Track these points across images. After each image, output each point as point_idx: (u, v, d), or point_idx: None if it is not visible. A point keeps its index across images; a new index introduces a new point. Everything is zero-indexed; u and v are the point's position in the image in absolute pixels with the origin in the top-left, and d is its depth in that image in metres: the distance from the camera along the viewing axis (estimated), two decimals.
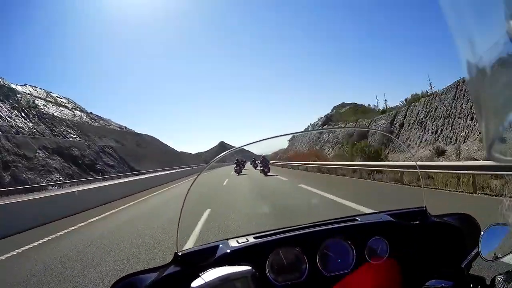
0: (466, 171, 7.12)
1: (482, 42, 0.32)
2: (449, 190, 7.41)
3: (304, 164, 22.51)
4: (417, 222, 1.07)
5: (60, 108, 58.04)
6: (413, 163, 8.40)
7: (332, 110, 51.88)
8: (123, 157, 47.56)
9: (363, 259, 0.96)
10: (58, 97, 66.21)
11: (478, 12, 0.32)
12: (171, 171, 29.19)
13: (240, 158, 23.41)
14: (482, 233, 0.78)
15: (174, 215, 6.88)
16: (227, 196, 10.34)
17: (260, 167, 19.25)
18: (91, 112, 69.98)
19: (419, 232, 1.03)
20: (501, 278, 0.72)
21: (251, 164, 27.88)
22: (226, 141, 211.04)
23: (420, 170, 8.19)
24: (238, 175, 21.08)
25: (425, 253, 1.00)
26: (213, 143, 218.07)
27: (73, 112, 60.75)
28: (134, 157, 50.26)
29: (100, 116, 71.92)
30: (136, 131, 75.39)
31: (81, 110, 66.75)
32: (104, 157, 42.38)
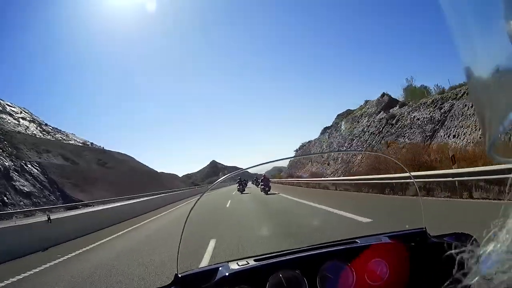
0: (462, 178, 7.29)
1: (482, 43, 0.33)
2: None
3: (305, 181, 23.81)
4: (417, 243, 1.07)
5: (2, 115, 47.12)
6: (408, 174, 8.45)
7: (335, 121, 50.66)
8: (56, 180, 32.76)
9: (363, 281, 0.96)
10: (8, 105, 54.05)
11: (478, 12, 0.33)
12: (133, 201, 17.95)
13: (242, 178, 24.46)
14: (481, 251, 0.78)
15: None
16: (232, 220, 9.01)
17: (261, 185, 19.42)
18: (45, 124, 58.45)
19: (418, 253, 1.03)
20: None
21: (252, 183, 28.86)
22: (218, 160, 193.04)
23: (415, 180, 8.26)
24: (241, 193, 21.56)
25: (426, 274, 0.99)
26: (205, 163, 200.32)
27: (18, 121, 49.77)
28: (82, 180, 36.88)
29: (57, 129, 59.92)
30: (106, 149, 62.82)
31: (33, 121, 54.90)
32: (17, 180, 27.54)
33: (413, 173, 9.20)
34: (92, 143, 64.86)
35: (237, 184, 23.82)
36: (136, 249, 6.23)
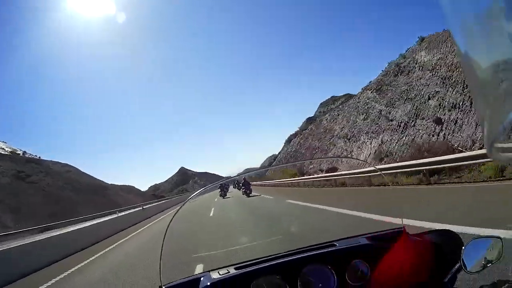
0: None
1: (482, 42, 0.33)
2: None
3: (279, 181, 24.36)
4: (396, 242, 1.07)
5: None
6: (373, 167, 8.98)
7: (318, 110, 48.82)
8: None
9: (345, 282, 0.98)
10: None
11: (478, 12, 0.32)
12: None
13: (224, 183, 24.36)
14: (464, 247, 0.78)
15: None
16: (219, 232, 7.12)
17: (242, 189, 19.27)
18: None
19: (399, 252, 1.03)
20: None
21: (234, 187, 28.54)
22: (188, 167, 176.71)
23: (382, 172, 8.73)
24: (223, 198, 21.25)
25: (407, 272, 0.99)
26: (173, 171, 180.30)
27: None
28: None
29: None
30: (42, 158, 50.77)
31: None
32: None
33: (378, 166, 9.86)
34: (24, 152, 53.17)
35: (219, 190, 23.62)
36: None
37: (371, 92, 23.81)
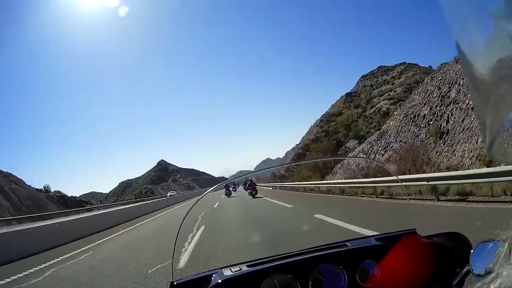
0: (452, 181, 7.12)
1: (482, 42, 0.33)
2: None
3: (290, 185, 23.63)
4: (407, 244, 1.09)
5: None
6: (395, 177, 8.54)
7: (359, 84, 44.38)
8: None
9: (355, 282, 0.99)
10: None
11: (478, 12, 0.32)
12: None
13: (229, 183, 25.55)
14: (472, 250, 0.78)
15: None
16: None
17: (248, 189, 19.96)
18: None
19: (409, 254, 1.04)
20: None
21: (243, 187, 28.93)
22: (168, 160, 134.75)
23: (403, 183, 8.35)
24: (228, 197, 21.99)
25: (417, 274, 1.00)
26: (151, 164, 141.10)
27: None
28: None
29: None
30: None
31: None
32: None
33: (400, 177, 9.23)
34: None
35: (224, 189, 24.26)
36: None
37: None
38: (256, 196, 18.64)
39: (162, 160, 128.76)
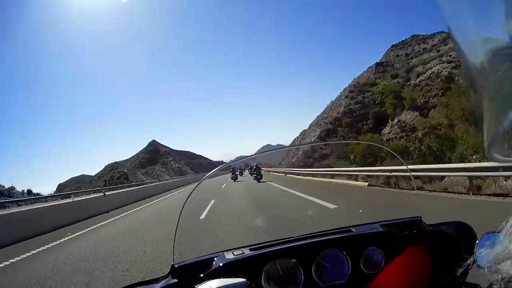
0: (462, 173, 7.01)
1: (482, 42, 0.32)
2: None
3: (297, 171, 23.08)
4: (412, 231, 1.07)
5: None
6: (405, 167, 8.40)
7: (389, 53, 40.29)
8: None
9: (359, 269, 0.98)
10: None
11: (478, 12, 0.32)
12: None
13: (238, 167, 25.84)
14: (477, 240, 0.78)
15: None
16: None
17: (254, 174, 20.48)
18: None
19: (414, 241, 1.03)
20: (498, 285, 0.72)
21: (249, 172, 29.32)
22: (160, 140, 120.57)
23: (412, 173, 8.25)
24: (234, 181, 22.18)
25: (422, 263, 1.00)
26: (143, 144, 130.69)
27: None
28: None
29: None
30: None
31: None
32: None
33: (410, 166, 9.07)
34: None
35: (231, 173, 24.60)
36: None
37: None
38: (261, 180, 19.04)
39: (153, 140, 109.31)
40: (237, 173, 25.27)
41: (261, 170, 20.88)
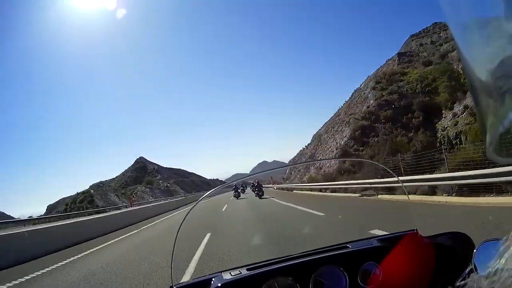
0: (454, 181, 6.94)
1: (482, 42, 0.33)
2: None
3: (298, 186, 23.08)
4: (408, 244, 1.08)
5: None
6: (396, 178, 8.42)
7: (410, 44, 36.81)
8: None
9: (356, 284, 0.98)
10: None
11: (478, 12, 0.32)
12: None
13: (240, 185, 25.28)
14: (475, 249, 0.77)
15: None
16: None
17: (255, 190, 20.97)
18: None
19: (410, 254, 1.04)
20: None
21: (251, 189, 29.23)
22: (150, 158, 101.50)
23: (404, 184, 8.27)
24: (237, 199, 22.43)
25: (419, 275, 0.99)
26: (129, 162, 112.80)
27: None
28: None
29: None
30: None
31: None
32: None
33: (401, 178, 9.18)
34: None
35: (233, 191, 24.85)
36: None
37: None
38: (262, 197, 19.41)
39: (141, 157, 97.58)
40: (239, 191, 25.35)
41: (263, 187, 21.33)
